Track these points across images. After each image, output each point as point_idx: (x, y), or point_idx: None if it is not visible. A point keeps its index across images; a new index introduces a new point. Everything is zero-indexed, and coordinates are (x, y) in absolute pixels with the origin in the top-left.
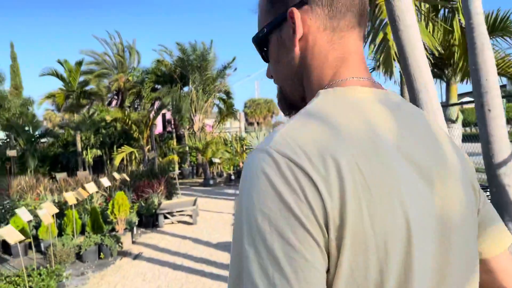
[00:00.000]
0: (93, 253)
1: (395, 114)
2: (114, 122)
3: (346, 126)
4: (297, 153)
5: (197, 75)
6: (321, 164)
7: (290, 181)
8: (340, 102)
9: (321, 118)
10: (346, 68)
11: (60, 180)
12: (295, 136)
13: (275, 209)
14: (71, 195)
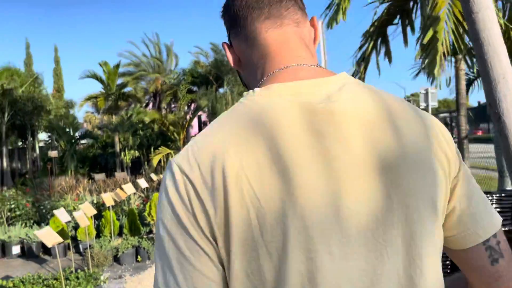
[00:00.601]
0: (130, 256)
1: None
2: (152, 124)
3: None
4: (192, 166)
5: (231, 76)
6: (210, 176)
7: (182, 195)
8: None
9: (223, 127)
10: (269, 62)
11: (99, 181)
12: (195, 149)
13: (171, 220)
14: (108, 196)
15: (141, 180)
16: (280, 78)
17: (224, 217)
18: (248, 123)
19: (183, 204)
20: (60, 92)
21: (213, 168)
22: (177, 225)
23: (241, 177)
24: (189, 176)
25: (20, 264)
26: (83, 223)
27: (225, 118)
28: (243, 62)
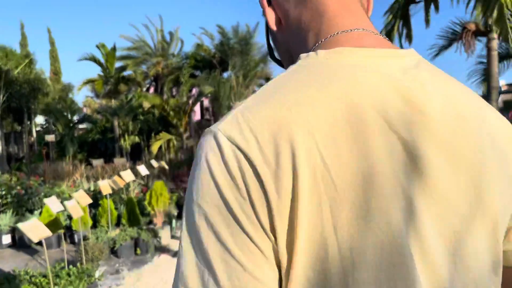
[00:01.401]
0: (128, 249)
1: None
2: (152, 109)
3: (314, 103)
4: (247, 138)
5: (237, 59)
6: (273, 154)
7: (233, 174)
8: (316, 69)
9: (287, 90)
10: (327, 24)
11: (97, 167)
12: (249, 115)
13: (213, 206)
14: (106, 183)
15: (141, 166)
16: (345, 42)
17: (290, 204)
18: (318, 87)
19: (234, 186)
20: (57, 75)
21: (277, 142)
22: (223, 212)
23: (314, 155)
24: (244, 151)
25: (10, 254)
26: (76, 213)
27: (284, 80)
28: (286, 23)
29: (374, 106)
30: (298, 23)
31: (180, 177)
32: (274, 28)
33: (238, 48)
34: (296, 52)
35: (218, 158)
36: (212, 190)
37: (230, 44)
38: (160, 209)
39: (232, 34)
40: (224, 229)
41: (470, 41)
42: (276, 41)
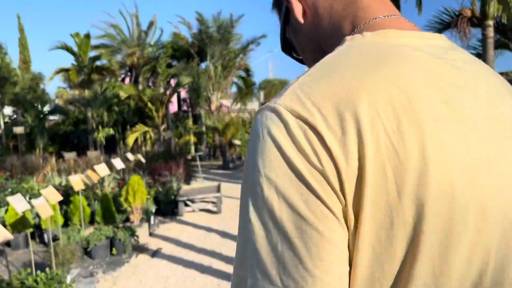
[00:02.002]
0: (104, 249)
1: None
2: (128, 100)
3: (373, 77)
4: (310, 110)
5: (216, 49)
6: (338, 123)
7: (301, 144)
8: (367, 48)
9: (343, 67)
10: (363, 9)
11: (69, 160)
12: (309, 90)
13: (284, 177)
14: (78, 179)
15: (116, 160)
16: (386, 25)
17: (357, 172)
18: (374, 64)
19: (303, 156)
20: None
21: (341, 113)
22: (294, 182)
23: (377, 125)
24: (309, 121)
25: None
26: (45, 213)
27: (336, 59)
28: (314, 14)
29: (425, 81)
30: (329, 12)
31: (157, 170)
32: (301, 19)
33: (217, 37)
34: (328, 42)
35: (283, 131)
36: (281, 162)
37: (209, 32)
38: (137, 206)
39: (212, 22)
40: (297, 197)
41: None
42: (298, 33)
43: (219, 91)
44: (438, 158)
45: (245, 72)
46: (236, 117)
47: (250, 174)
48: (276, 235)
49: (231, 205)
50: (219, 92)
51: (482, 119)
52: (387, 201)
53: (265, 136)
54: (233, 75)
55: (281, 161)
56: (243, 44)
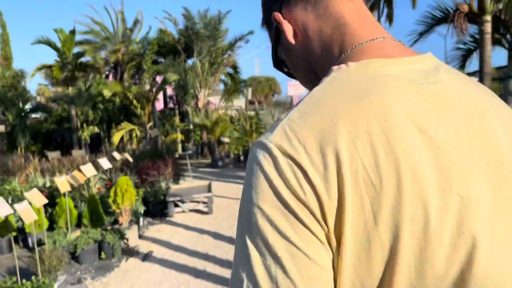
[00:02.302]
0: (92, 253)
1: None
2: (113, 97)
3: (352, 113)
4: (296, 149)
5: (203, 45)
6: (321, 159)
7: (288, 179)
8: (350, 80)
9: (326, 103)
10: (349, 35)
11: (53, 159)
12: (296, 128)
13: (274, 207)
14: (64, 180)
15: (103, 159)
16: (371, 51)
17: (337, 203)
18: (355, 98)
19: (288, 189)
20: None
21: (323, 150)
22: (284, 212)
23: (355, 160)
24: (295, 158)
25: None
26: (29, 217)
27: (322, 92)
28: (304, 35)
29: (403, 111)
30: (319, 35)
31: (145, 170)
32: (292, 41)
33: (204, 33)
34: (318, 62)
35: (273, 167)
36: (271, 194)
37: (196, 29)
38: (126, 207)
39: (199, 18)
40: (287, 226)
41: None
42: (289, 52)
43: (206, 88)
44: (412, 186)
45: (233, 69)
46: (224, 115)
47: (246, 205)
48: (270, 259)
49: (222, 204)
50: (206, 89)
51: (455, 143)
52: (365, 227)
53: (257, 171)
54: (220, 72)
55: (271, 194)
56: (230, 41)
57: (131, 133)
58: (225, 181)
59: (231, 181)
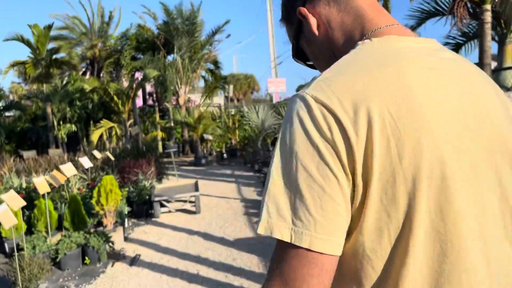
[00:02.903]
0: (75, 258)
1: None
2: (91, 94)
3: (379, 74)
4: (330, 98)
5: (183, 41)
6: (352, 108)
7: (319, 123)
8: (376, 51)
9: (356, 66)
10: (369, 22)
11: (29, 159)
12: (330, 83)
13: (303, 147)
14: (42, 180)
15: (84, 158)
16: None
17: (365, 144)
18: (379, 63)
19: (320, 132)
20: None
21: (354, 100)
22: (311, 150)
23: (383, 109)
24: (329, 106)
25: None
26: (9, 222)
27: (350, 59)
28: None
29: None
30: (342, 26)
31: (127, 168)
32: (316, 32)
33: (183, 28)
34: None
35: (306, 112)
36: (302, 135)
37: (175, 24)
38: (110, 208)
39: (177, 14)
40: (311, 163)
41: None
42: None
43: (187, 85)
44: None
45: (214, 64)
46: (205, 112)
47: (281, 143)
48: (293, 189)
49: (209, 203)
50: (187, 86)
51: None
52: (391, 164)
53: (293, 116)
54: (201, 68)
55: (302, 135)
56: (208, 34)
57: (110, 131)
58: (210, 179)
59: (216, 179)
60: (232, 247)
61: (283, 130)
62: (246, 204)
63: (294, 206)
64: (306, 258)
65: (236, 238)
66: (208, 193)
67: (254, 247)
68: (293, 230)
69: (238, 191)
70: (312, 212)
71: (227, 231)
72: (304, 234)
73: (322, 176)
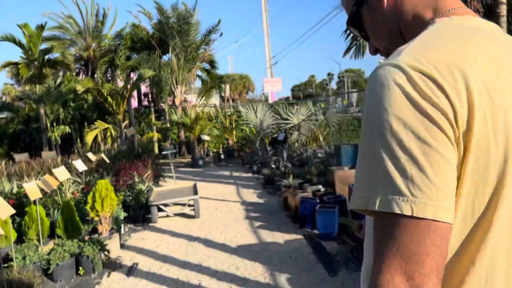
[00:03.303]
0: (68, 269)
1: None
2: (85, 94)
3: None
4: (427, 66)
5: (178, 40)
6: (450, 76)
7: (423, 90)
8: (458, 27)
9: (444, 38)
10: (442, 1)
11: (21, 162)
12: (422, 53)
13: (410, 114)
14: (34, 186)
15: (78, 161)
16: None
17: (467, 114)
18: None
19: (423, 97)
20: None
21: (451, 69)
22: (418, 116)
23: (478, 80)
24: (428, 73)
25: None
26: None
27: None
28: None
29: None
30: (413, 3)
31: (122, 171)
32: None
33: (177, 28)
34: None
35: (406, 80)
36: (407, 103)
37: (170, 23)
38: (106, 214)
39: (172, 13)
40: (423, 129)
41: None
42: (376, 13)
43: (183, 85)
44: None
45: (210, 64)
46: (202, 112)
47: (376, 115)
48: (405, 159)
49: (209, 207)
50: (183, 86)
51: None
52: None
53: (391, 85)
54: (197, 68)
55: (407, 103)
56: (204, 33)
57: (105, 132)
58: (209, 181)
59: (214, 180)
60: (234, 254)
61: (377, 99)
62: (247, 207)
63: (410, 177)
64: (429, 229)
65: (238, 244)
66: (207, 195)
67: (257, 254)
68: (413, 202)
69: (237, 193)
70: (433, 180)
71: (228, 237)
72: (427, 204)
73: (437, 141)
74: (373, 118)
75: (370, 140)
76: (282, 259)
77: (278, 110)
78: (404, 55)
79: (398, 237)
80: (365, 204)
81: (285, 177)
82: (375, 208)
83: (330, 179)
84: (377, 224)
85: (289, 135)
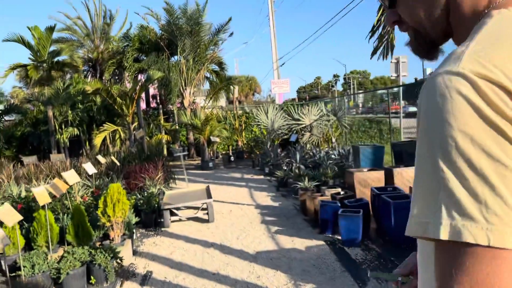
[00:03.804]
0: (79, 278)
1: None
2: (94, 96)
3: None
4: (493, 72)
5: (187, 41)
6: None
7: (491, 99)
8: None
9: (506, 37)
10: None
11: (30, 165)
12: (486, 57)
13: (479, 129)
14: (43, 190)
15: (87, 164)
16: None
17: None
18: None
19: (493, 109)
20: None
21: None
22: (489, 131)
23: None
24: (495, 80)
25: None
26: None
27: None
28: None
29: None
30: None
31: (133, 174)
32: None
33: (187, 29)
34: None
35: (472, 90)
36: (474, 116)
37: (179, 24)
38: (118, 220)
39: (181, 14)
40: (494, 146)
41: None
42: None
43: (192, 86)
44: None
45: (218, 65)
46: (211, 113)
47: (439, 130)
48: (476, 180)
49: (222, 210)
50: (192, 87)
51: None
52: None
53: (454, 96)
54: (205, 69)
55: (474, 116)
56: (212, 33)
57: (113, 134)
58: (220, 183)
59: (225, 183)
60: (254, 262)
61: (439, 113)
62: (262, 210)
63: (483, 201)
64: (506, 259)
65: (256, 250)
66: (219, 198)
67: (278, 261)
68: (489, 229)
69: (250, 196)
70: (510, 204)
71: (246, 242)
72: (506, 232)
73: None
74: (434, 134)
75: (430, 159)
76: (304, 267)
77: (288, 111)
78: (465, 60)
79: (471, 270)
80: (423, 231)
81: (300, 180)
82: (439, 236)
83: (349, 181)
84: (441, 254)
85: (300, 136)
